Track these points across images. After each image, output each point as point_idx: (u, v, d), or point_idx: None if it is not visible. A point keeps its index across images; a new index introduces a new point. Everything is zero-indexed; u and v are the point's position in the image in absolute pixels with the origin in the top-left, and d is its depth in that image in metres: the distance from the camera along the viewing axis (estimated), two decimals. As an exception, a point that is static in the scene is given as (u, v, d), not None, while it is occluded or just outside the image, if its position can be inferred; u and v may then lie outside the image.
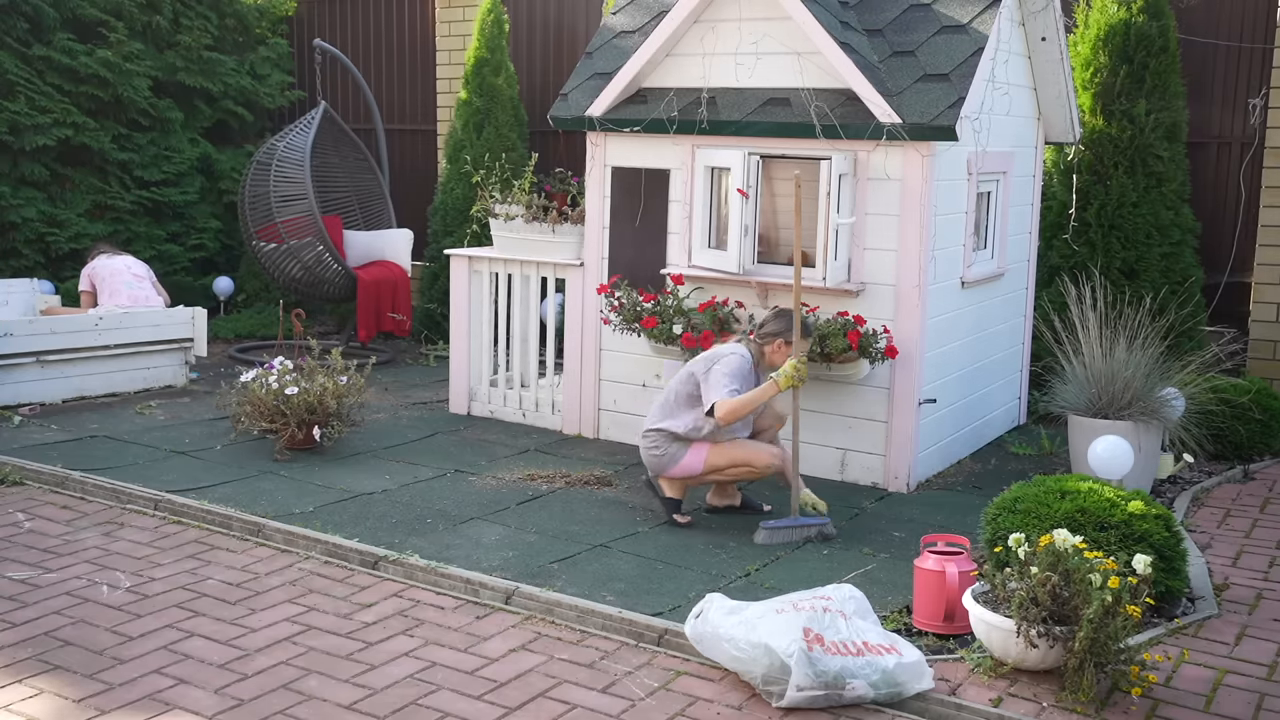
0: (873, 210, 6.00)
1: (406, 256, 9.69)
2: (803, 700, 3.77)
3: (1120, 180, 7.54)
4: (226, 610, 4.53)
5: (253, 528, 5.35)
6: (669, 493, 5.52)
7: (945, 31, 6.11)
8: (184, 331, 8.19)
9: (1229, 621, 4.49)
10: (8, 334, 7.34)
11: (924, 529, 5.39)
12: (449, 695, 3.88)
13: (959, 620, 4.23)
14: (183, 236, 10.68)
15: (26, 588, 4.71)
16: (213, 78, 10.69)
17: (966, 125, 5.94)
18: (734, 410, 5.21)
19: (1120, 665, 3.79)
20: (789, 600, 4.05)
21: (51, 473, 6.07)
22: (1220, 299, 7.93)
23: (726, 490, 5.69)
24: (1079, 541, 3.93)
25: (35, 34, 9.62)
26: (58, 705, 3.77)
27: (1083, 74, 7.70)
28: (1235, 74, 7.96)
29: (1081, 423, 6.02)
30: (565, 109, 6.83)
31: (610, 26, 7.07)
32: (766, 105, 6.17)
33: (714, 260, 6.31)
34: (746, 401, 5.23)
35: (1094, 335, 6.12)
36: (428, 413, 7.65)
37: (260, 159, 9.30)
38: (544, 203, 7.13)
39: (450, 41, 10.54)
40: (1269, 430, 6.66)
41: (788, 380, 5.22)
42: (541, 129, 9.75)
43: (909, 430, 6.03)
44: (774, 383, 5.25)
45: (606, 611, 4.41)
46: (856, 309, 6.00)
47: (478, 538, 5.26)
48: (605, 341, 6.92)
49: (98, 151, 9.93)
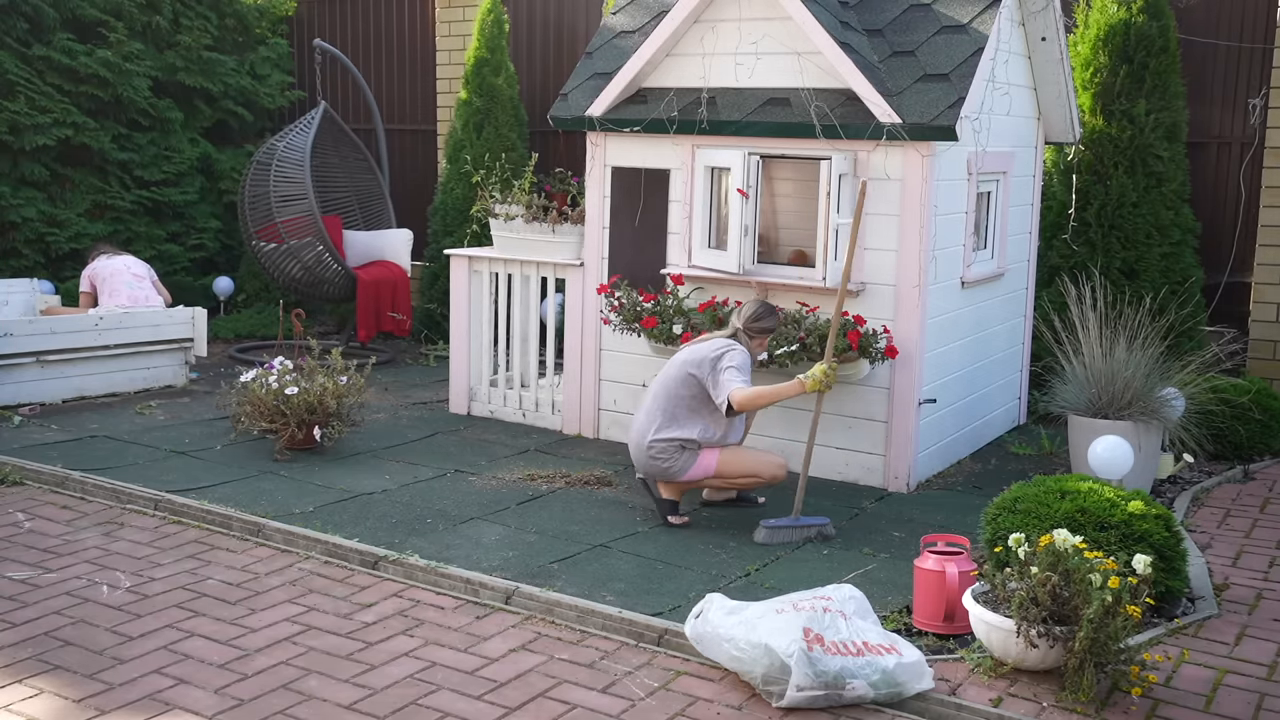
0: (873, 210, 6.00)
1: (406, 256, 9.69)
2: (803, 700, 3.77)
3: (1120, 180, 7.54)
4: (226, 610, 4.53)
5: (253, 528, 5.35)
6: (666, 494, 5.51)
7: (945, 31, 6.11)
8: (184, 331, 8.19)
9: (1229, 621, 4.49)
10: (8, 334, 7.34)
11: (924, 529, 5.39)
12: (449, 695, 3.88)
13: (959, 620, 4.23)
14: (183, 236, 10.68)
15: (26, 588, 4.71)
16: (213, 78, 10.69)
17: (966, 125, 5.94)
18: (752, 400, 5.18)
19: (1120, 665, 3.79)
20: (789, 600, 4.05)
21: (51, 473, 6.07)
22: (1220, 299, 7.93)
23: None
24: (1079, 541, 3.93)
25: (35, 34, 9.62)
26: (58, 705, 3.77)
27: (1083, 74, 7.70)
28: (1235, 74, 7.96)
29: (1081, 423, 6.02)
30: (565, 109, 6.83)
31: (610, 26, 7.07)
32: (766, 105, 6.17)
33: (714, 260, 6.31)
34: (767, 395, 5.21)
35: (1094, 335, 6.12)
36: (428, 413, 7.65)
37: (260, 159, 9.30)
38: (544, 203, 7.13)
39: (450, 41, 10.54)
40: (1269, 430, 6.66)
41: (815, 384, 5.18)
42: (541, 129, 9.75)
43: (909, 430, 6.03)
44: (800, 383, 5.21)
45: (606, 611, 4.41)
46: (856, 309, 6.00)
47: (478, 538, 5.26)
48: (605, 341, 6.92)
49: (98, 151, 9.94)
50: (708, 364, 5.32)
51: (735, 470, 5.42)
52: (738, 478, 5.44)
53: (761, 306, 5.50)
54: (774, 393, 5.22)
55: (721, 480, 5.45)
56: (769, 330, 5.46)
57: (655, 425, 5.39)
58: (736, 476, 5.44)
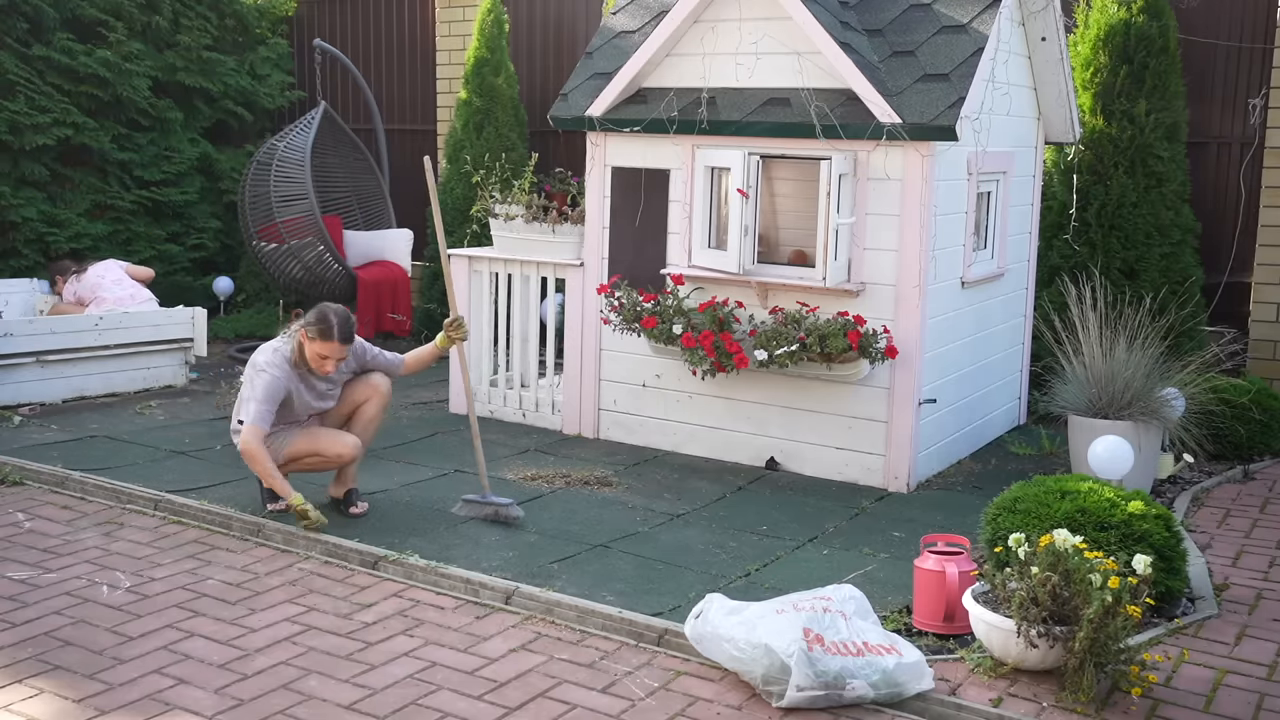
0: (873, 210, 6.00)
1: (406, 256, 9.69)
2: (803, 700, 3.77)
3: (1120, 180, 7.54)
4: (226, 610, 4.53)
5: (253, 528, 5.35)
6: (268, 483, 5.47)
7: (945, 31, 6.11)
8: (184, 331, 8.20)
9: (1229, 621, 4.50)
10: (8, 334, 7.34)
11: (924, 529, 5.39)
12: (449, 695, 3.88)
13: (959, 620, 4.23)
14: (183, 236, 10.67)
15: (26, 588, 4.71)
16: (212, 78, 10.68)
17: (966, 125, 5.94)
18: (254, 459, 5.21)
19: (1120, 665, 3.79)
20: (789, 600, 4.05)
21: (51, 473, 6.07)
22: (1220, 299, 7.93)
23: (344, 477, 5.63)
24: (1079, 541, 3.93)
25: (35, 34, 9.62)
26: (58, 705, 3.77)
27: (1083, 74, 7.70)
28: (1235, 74, 7.96)
29: (1081, 423, 6.02)
30: (565, 109, 6.83)
31: (610, 26, 7.07)
32: (766, 105, 6.17)
33: (714, 260, 6.31)
34: (266, 467, 5.22)
35: (1094, 335, 6.12)
36: (428, 413, 7.65)
37: (260, 159, 9.30)
38: (544, 203, 7.13)
39: (450, 41, 10.54)
40: (1269, 430, 6.65)
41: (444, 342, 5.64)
42: (541, 129, 9.75)
43: (909, 430, 6.03)
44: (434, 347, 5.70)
45: (606, 611, 4.41)
46: (856, 309, 6.00)
47: (478, 538, 5.26)
48: (605, 341, 6.92)
49: (98, 151, 9.93)
50: (251, 369, 5.36)
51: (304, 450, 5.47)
52: (306, 457, 5.49)
53: (317, 310, 5.36)
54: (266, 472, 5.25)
55: (293, 464, 5.48)
56: (304, 324, 5.33)
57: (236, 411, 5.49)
58: (305, 457, 5.48)
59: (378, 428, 5.77)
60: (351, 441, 5.50)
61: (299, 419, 5.52)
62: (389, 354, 5.79)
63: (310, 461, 5.50)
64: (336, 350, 5.32)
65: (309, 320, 5.32)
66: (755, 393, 6.42)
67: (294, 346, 5.38)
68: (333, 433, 5.53)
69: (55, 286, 8.60)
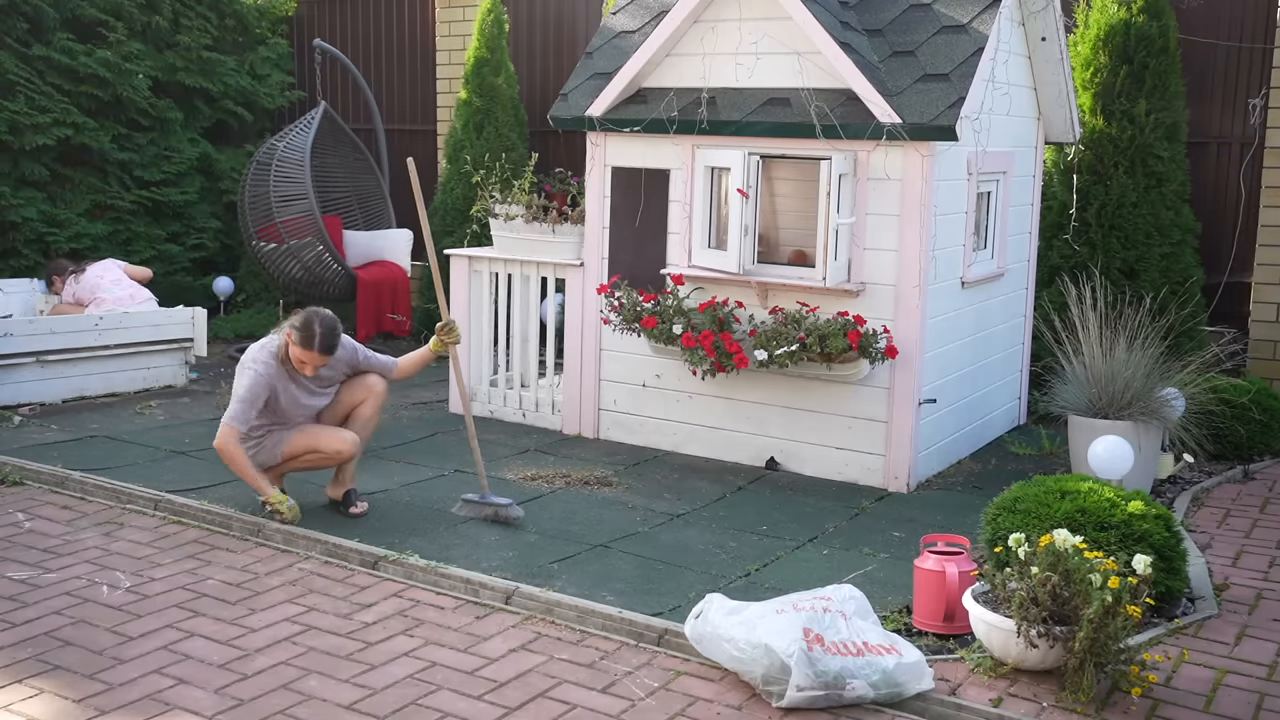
0: (873, 210, 6.00)
1: (406, 257, 9.69)
2: (803, 700, 3.77)
3: (1120, 180, 7.54)
4: (226, 610, 4.53)
5: (253, 528, 5.35)
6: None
7: (945, 31, 6.11)
8: (184, 331, 8.20)
9: (1229, 621, 4.50)
10: (8, 334, 7.34)
11: (924, 529, 5.39)
12: (449, 695, 3.88)
13: (959, 620, 4.23)
14: (183, 236, 10.67)
15: (26, 588, 4.71)
16: (212, 78, 10.68)
17: (966, 125, 5.94)
18: (230, 458, 5.28)
19: (1120, 665, 3.79)
20: (789, 600, 4.05)
21: (51, 473, 6.07)
22: (1220, 299, 7.93)
23: (342, 478, 5.62)
24: (1079, 541, 3.93)
25: (35, 34, 9.62)
26: (58, 705, 3.77)
27: (1083, 74, 7.70)
28: (1235, 74, 7.96)
29: (1081, 423, 6.02)
30: (565, 109, 6.83)
31: (610, 26, 7.07)
32: (766, 105, 6.17)
33: (714, 260, 6.31)
34: (242, 465, 5.28)
35: (1094, 335, 6.12)
36: (428, 413, 7.65)
37: (260, 159, 9.30)
38: (544, 203, 7.13)
39: (450, 41, 10.54)
40: (1269, 430, 6.65)
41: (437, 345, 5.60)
42: (541, 129, 9.75)
43: (909, 430, 6.03)
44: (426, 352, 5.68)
45: (606, 611, 4.41)
46: (856, 309, 6.00)
47: (477, 538, 5.26)
48: (605, 341, 6.91)
49: (98, 151, 9.93)
50: (240, 367, 5.40)
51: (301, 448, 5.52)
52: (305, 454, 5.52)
53: (306, 315, 5.34)
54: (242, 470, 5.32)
55: (292, 461, 5.52)
56: (304, 342, 5.29)
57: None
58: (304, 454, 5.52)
59: (374, 428, 5.76)
60: (350, 437, 5.50)
61: (292, 417, 5.52)
62: (382, 357, 5.78)
63: (309, 458, 5.50)
64: (314, 359, 5.31)
65: (295, 323, 5.32)
66: (755, 393, 6.42)
67: (281, 343, 5.39)
68: (331, 429, 5.53)
69: (53, 287, 8.60)
